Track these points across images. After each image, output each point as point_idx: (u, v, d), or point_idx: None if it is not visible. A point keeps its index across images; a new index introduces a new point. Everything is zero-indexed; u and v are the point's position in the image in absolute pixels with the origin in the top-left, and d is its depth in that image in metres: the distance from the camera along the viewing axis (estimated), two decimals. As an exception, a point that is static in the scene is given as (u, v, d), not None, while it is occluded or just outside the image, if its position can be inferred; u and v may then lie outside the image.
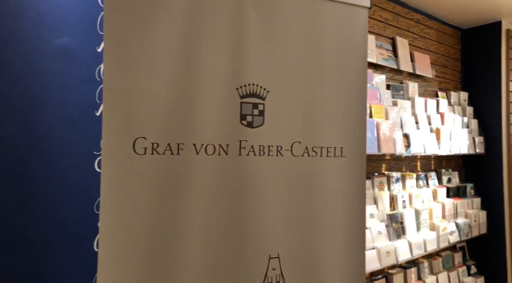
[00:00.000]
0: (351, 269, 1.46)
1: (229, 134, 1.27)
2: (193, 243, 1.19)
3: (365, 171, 1.50)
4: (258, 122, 1.32)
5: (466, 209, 2.83)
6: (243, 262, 1.29)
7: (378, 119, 2.11)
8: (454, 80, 3.10)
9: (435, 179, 2.74)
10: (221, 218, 1.25)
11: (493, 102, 3.03)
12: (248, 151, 1.30)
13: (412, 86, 2.57)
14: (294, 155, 1.38)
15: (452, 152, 2.62)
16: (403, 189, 2.46)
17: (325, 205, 1.42)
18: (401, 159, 2.57)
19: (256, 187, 1.30)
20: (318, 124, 1.42)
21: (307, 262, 1.39)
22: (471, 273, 2.92)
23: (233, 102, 1.28)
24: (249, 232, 1.29)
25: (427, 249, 2.38)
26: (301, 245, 1.39)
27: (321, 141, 1.42)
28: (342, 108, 1.46)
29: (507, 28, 3.07)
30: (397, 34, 2.58)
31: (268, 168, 1.32)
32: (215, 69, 1.25)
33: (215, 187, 1.24)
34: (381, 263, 2.07)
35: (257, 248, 1.31)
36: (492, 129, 3.02)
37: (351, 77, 1.50)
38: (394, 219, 2.24)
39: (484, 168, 3.05)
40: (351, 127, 1.48)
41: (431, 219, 2.50)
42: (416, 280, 2.49)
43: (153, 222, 1.13)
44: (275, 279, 1.35)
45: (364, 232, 1.51)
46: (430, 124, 2.56)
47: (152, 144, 1.15)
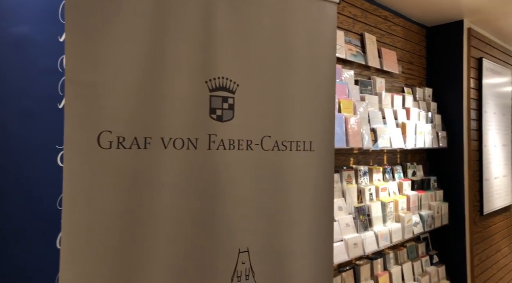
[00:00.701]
0: (320, 261, 1.48)
1: (198, 128, 1.25)
2: (161, 239, 1.17)
3: (333, 165, 1.52)
4: (227, 116, 1.31)
5: (430, 201, 2.93)
6: (213, 256, 1.28)
7: (346, 114, 2.14)
8: (419, 76, 3.20)
9: (401, 172, 2.83)
10: (190, 212, 1.23)
11: (455, 98, 3.15)
12: (218, 145, 1.28)
13: (379, 82, 2.63)
14: (264, 149, 1.38)
15: (417, 146, 2.71)
16: (370, 182, 2.52)
17: (294, 199, 1.43)
18: (368, 153, 2.63)
19: (225, 181, 1.29)
20: (288, 118, 1.42)
21: (276, 255, 1.40)
22: (434, 262, 3.04)
23: (202, 95, 1.26)
24: (218, 226, 1.29)
25: (393, 240, 2.45)
26: (270, 238, 1.39)
27: (291, 135, 1.43)
28: (311, 103, 1.47)
29: (469, 27, 3.19)
30: (365, 30, 2.62)
31: (238, 162, 1.32)
32: (183, 61, 1.22)
33: (183, 181, 1.22)
34: (349, 254, 2.11)
35: (226, 242, 1.31)
36: (454, 124, 3.14)
37: (321, 72, 1.51)
38: (361, 212, 2.29)
39: (446, 162, 3.17)
40: (320, 121, 1.49)
41: (396, 211, 2.58)
42: (382, 271, 2.57)
43: (118, 218, 1.10)
44: (244, 272, 1.35)
45: (332, 224, 1.53)
46: (396, 119, 2.63)
47: (118, 137, 1.12)
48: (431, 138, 2.89)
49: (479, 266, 3.24)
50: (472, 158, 3.18)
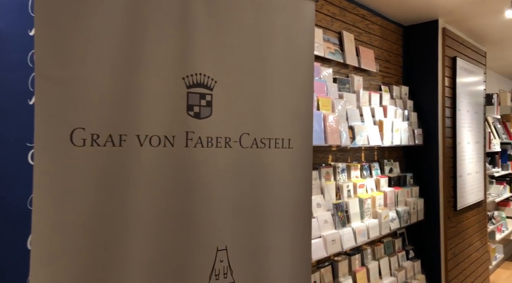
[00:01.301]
0: (298, 258, 1.49)
1: (175, 126, 1.23)
2: (137, 238, 1.15)
3: (311, 162, 1.53)
4: (205, 113, 1.29)
5: (406, 197, 2.99)
6: (190, 255, 1.27)
7: (325, 112, 2.15)
8: (396, 74, 3.25)
9: (378, 169, 2.87)
10: (167, 211, 1.21)
11: (431, 96, 3.22)
12: (196, 142, 1.27)
13: (357, 80, 2.66)
14: (243, 147, 1.37)
15: (393, 143, 2.75)
16: (348, 179, 2.55)
17: (273, 196, 1.43)
18: (346, 150, 2.66)
19: (204, 179, 1.28)
20: (266, 116, 1.42)
21: (254, 253, 1.40)
22: (410, 257, 3.10)
23: (179, 92, 1.24)
24: (196, 225, 1.27)
25: (370, 236, 2.49)
26: (249, 236, 1.39)
27: (270, 133, 1.42)
28: (289, 100, 1.47)
29: (443, 26, 3.26)
30: (343, 28, 2.64)
31: (216, 160, 1.31)
32: (159, 57, 1.20)
33: (160, 179, 1.20)
34: (327, 251, 2.13)
35: (204, 240, 1.30)
36: (429, 122, 3.21)
37: (299, 70, 1.52)
38: (339, 208, 2.32)
39: (422, 159, 3.24)
40: (299, 119, 1.50)
41: (374, 207, 2.62)
42: (360, 266, 2.60)
43: (92, 217, 1.07)
44: (222, 271, 1.34)
45: (310, 221, 1.54)
46: (374, 117, 2.66)
47: (92, 135, 1.09)
48: (407, 135, 2.94)
49: (453, 260, 3.33)
50: (447, 155, 3.26)
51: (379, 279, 2.72)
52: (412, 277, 3.02)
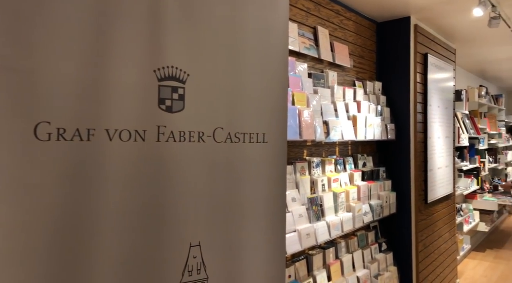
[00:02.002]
0: (272, 253, 1.49)
1: (146, 120, 1.20)
2: (106, 236, 1.11)
3: (285, 157, 1.53)
4: (178, 107, 1.27)
5: (379, 191, 3.05)
6: (162, 251, 1.24)
7: (300, 107, 2.16)
8: (370, 70, 3.29)
9: (352, 164, 2.91)
10: (139, 207, 1.19)
11: (403, 92, 3.28)
12: (168, 137, 1.24)
13: (332, 75, 2.68)
14: (217, 141, 1.35)
15: (367, 138, 2.79)
16: (323, 173, 2.57)
17: (247, 191, 1.42)
18: (321, 145, 2.68)
19: (176, 174, 1.26)
20: (240, 110, 1.40)
21: (228, 248, 1.39)
22: (382, 250, 3.17)
23: (150, 85, 1.21)
24: (169, 221, 1.25)
25: (344, 229, 2.52)
26: (223, 231, 1.38)
27: (244, 127, 1.41)
28: (264, 94, 1.46)
29: (415, 23, 3.33)
30: (318, 23, 2.65)
31: (189, 155, 1.28)
32: (129, 48, 1.16)
33: (131, 175, 1.16)
34: (301, 244, 2.15)
35: (177, 236, 1.28)
36: (402, 117, 3.28)
37: (273, 63, 1.51)
38: (314, 202, 2.33)
39: (394, 153, 3.30)
40: (273, 113, 1.49)
41: (347, 201, 2.65)
42: (334, 259, 2.64)
43: (58, 215, 1.03)
44: (196, 267, 1.33)
45: (284, 216, 1.54)
46: (348, 112, 2.69)
47: (58, 129, 1.04)
48: (380, 130, 2.99)
49: (423, 251, 3.43)
50: (418, 149, 3.34)
51: (353, 271, 2.76)
52: (384, 269, 3.08)
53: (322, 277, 2.48)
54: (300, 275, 2.35)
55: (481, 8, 2.78)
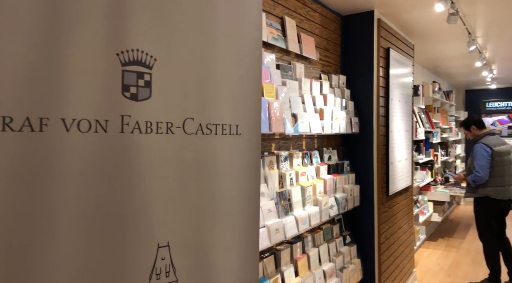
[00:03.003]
0: (246, 252, 1.41)
1: (108, 108, 1.07)
2: (63, 239, 0.98)
3: (259, 150, 1.45)
4: (144, 94, 1.15)
5: (344, 184, 3.05)
6: (127, 254, 1.13)
7: (269, 99, 2.09)
8: (335, 64, 3.29)
9: (318, 157, 2.89)
10: (99, 206, 1.06)
11: (366, 86, 3.31)
12: (133, 127, 1.12)
13: (299, 68, 2.63)
14: (187, 133, 1.24)
15: (333, 132, 2.78)
16: (291, 167, 2.52)
17: (220, 186, 1.33)
18: (288, 139, 2.63)
19: (143, 169, 1.14)
20: (212, 99, 1.30)
21: (200, 248, 1.29)
22: (347, 243, 3.19)
23: (112, 70, 1.08)
24: (134, 221, 1.13)
25: (312, 223, 2.49)
26: (193, 230, 1.28)
27: (216, 118, 1.31)
28: (237, 83, 1.37)
29: (378, 17, 3.36)
30: (285, 14, 2.59)
31: (157, 147, 1.17)
32: (88, 28, 1.03)
33: (91, 170, 1.04)
34: (271, 240, 2.09)
35: (143, 237, 1.16)
36: (365, 111, 3.30)
37: (246, 51, 1.42)
38: (282, 197, 2.28)
39: (358, 146, 3.33)
40: (246, 104, 1.40)
41: (314, 195, 2.63)
42: (301, 254, 2.61)
43: (6, 216, 0.89)
44: (164, 269, 1.22)
45: (258, 212, 1.46)
46: (315, 105, 2.66)
47: (4, 118, 0.90)
48: (345, 124, 2.99)
49: (385, 243, 3.49)
50: (380, 142, 3.39)
51: (319, 265, 2.75)
52: (349, 261, 3.11)
53: (290, 273, 2.44)
54: (268, 271, 2.30)
55: (442, 4, 2.85)
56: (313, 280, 2.59)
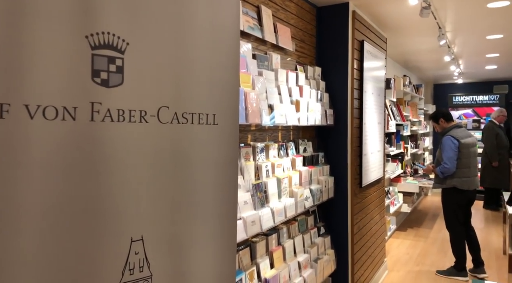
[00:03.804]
0: (223, 245, 1.37)
1: (76, 94, 1.00)
2: (28, 233, 0.92)
3: (238, 140, 1.41)
4: (115, 81, 1.08)
5: (318, 176, 3.06)
6: (98, 249, 1.07)
7: (246, 89, 2.04)
8: (310, 55, 3.27)
9: (293, 149, 2.88)
10: (68, 198, 0.99)
11: (341, 78, 3.31)
12: (104, 115, 1.05)
13: (275, 58, 2.59)
14: (161, 122, 1.19)
15: (309, 123, 2.77)
16: (267, 159, 2.50)
17: (196, 177, 1.28)
18: (264, 130, 2.60)
19: (114, 159, 1.08)
20: (188, 87, 1.25)
21: (175, 242, 1.25)
22: (321, 234, 3.22)
23: (81, 53, 1.01)
24: (105, 214, 1.07)
25: (287, 215, 2.48)
26: (169, 223, 1.23)
27: (192, 107, 1.26)
28: (214, 70, 1.32)
29: (353, 9, 3.36)
30: (261, 3, 2.54)
31: (130, 137, 1.11)
32: (55, 8, 0.95)
33: (58, 160, 0.97)
34: (247, 232, 2.06)
35: (116, 231, 1.11)
36: (340, 103, 3.31)
37: (224, 38, 1.37)
38: (259, 189, 2.25)
39: (333, 138, 3.34)
40: (224, 93, 1.35)
41: (290, 186, 2.62)
42: (276, 246, 2.60)
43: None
44: (138, 264, 1.17)
45: (235, 204, 1.43)
46: (291, 96, 2.63)
47: (-42, 103, 0.82)
48: (320, 116, 2.99)
49: (358, 233, 3.55)
50: (354, 134, 3.42)
51: (294, 257, 2.75)
52: (323, 252, 3.13)
53: (265, 265, 2.42)
54: (244, 263, 2.27)
55: (416, -3, 2.88)
56: (288, 271, 2.59)
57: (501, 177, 6.86)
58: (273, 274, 2.43)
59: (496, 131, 6.87)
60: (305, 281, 2.74)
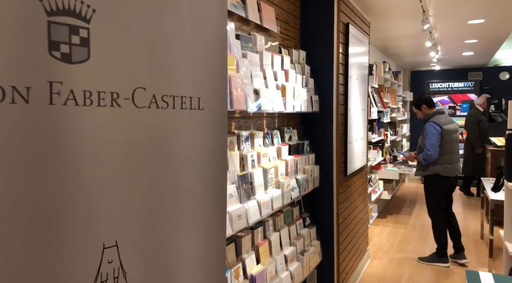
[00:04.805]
0: (210, 245, 1.21)
1: (29, 72, 0.80)
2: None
3: (226, 127, 1.24)
4: (80, 55, 0.88)
5: (304, 165, 2.93)
6: (61, 259, 0.89)
7: (230, 72, 1.86)
8: (294, 38, 3.10)
9: (279, 137, 2.73)
10: (23, 199, 0.81)
11: (327, 62, 3.17)
12: (66, 98, 0.86)
13: (260, 40, 2.41)
14: (137, 106, 1.00)
15: (295, 110, 2.62)
16: (252, 148, 2.33)
17: (180, 170, 1.11)
18: (249, 117, 2.43)
19: (80, 151, 0.89)
20: (169, 66, 1.06)
21: (156, 246, 1.07)
22: (306, 225, 3.10)
23: (33, 20, 0.81)
24: (69, 216, 0.89)
25: (274, 207, 2.34)
26: (148, 224, 1.05)
27: (174, 89, 1.07)
28: (198, 47, 1.14)
29: (339, -9, 3.20)
30: (244, -21, 2.34)
31: (99, 124, 0.92)
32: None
33: (8, 152, 0.77)
34: (233, 228, 1.90)
35: (83, 236, 0.92)
36: (325, 89, 3.17)
37: (210, 11, 1.18)
38: (244, 180, 2.09)
39: (318, 126, 3.21)
40: (211, 73, 1.17)
41: (276, 177, 2.47)
42: (262, 239, 2.46)
43: None
44: (112, 274, 0.99)
45: (225, 199, 1.26)
46: (276, 81, 2.47)
47: None
48: (306, 102, 2.84)
49: (343, 223, 3.45)
50: (340, 121, 3.30)
51: (280, 250, 2.62)
52: (309, 244, 3.02)
53: (251, 260, 2.28)
54: (229, 260, 2.12)
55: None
56: (274, 266, 2.45)
57: (484, 164, 6.95)
58: (259, 270, 2.29)
59: (479, 118, 6.93)
60: (291, 275, 2.62)
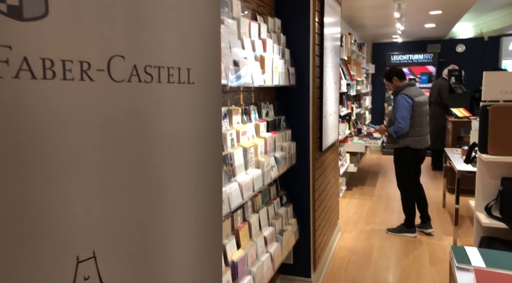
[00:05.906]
0: (205, 245, 1.03)
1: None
2: None
3: (220, 103, 1.03)
4: (34, 9, 0.64)
5: (282, 142, 2.78)
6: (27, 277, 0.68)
7: (208, 39, 1.62)
8: (269, 4, 2.87)
9: (256, 113, 2.54)
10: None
11: (302, 32, 2.97)
12: (18, 68, 0.62)
13: (236, 5, 2.17)
14: (115, 80, 0.77)
15: (274, 83, 2.43)
16: (230, 125, 2.14)
17: (166, 156, 0.90)
18: (225, 91, 2.21)
19: (41, 139, 0.66)
20: (152, 29, 0.83)
21: (142, 254, 0.88)
22: (283, 203, 2.99)
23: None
24: (35, 223, 0.68)
25: (255, 188, 2.19)
26: (132, 227, 0.85)
27: (159, 57, 0.85)
28: (187, 7, 0.91)
29: (315, -46, 2.98)
30: None
31: (66, 102, 0.69)
32: None
33: None
34: (215, 215, 1.72)
35: (52, 248, 0.72)
36: (301, 61, 2.99)
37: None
38: (225, 161, 1.91)
39: (294, 100, 3.04)
40: (202, 40, 0.95)
41: (256, 156, 2.30)
42: (242, 222, 2.32)
43: None
44: (90, 291, 0.79)
45: (221, 189, 1.07)
46: (254, 51, 2.26)
47: None
48: (284, 74, 2.66)
49: (318, 199, 3.38)
50: (316, 95, 3.15)
51: (260, 232, 2.50)
52: (286, 223, 2.92)
53: (232, 245, 2.13)
54: (210, 248, 1.95)
55: None
56: (255, 249, 2.33)
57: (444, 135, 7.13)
58: (241, 255, 2.15)
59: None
60: (271, 257, 2.51)
